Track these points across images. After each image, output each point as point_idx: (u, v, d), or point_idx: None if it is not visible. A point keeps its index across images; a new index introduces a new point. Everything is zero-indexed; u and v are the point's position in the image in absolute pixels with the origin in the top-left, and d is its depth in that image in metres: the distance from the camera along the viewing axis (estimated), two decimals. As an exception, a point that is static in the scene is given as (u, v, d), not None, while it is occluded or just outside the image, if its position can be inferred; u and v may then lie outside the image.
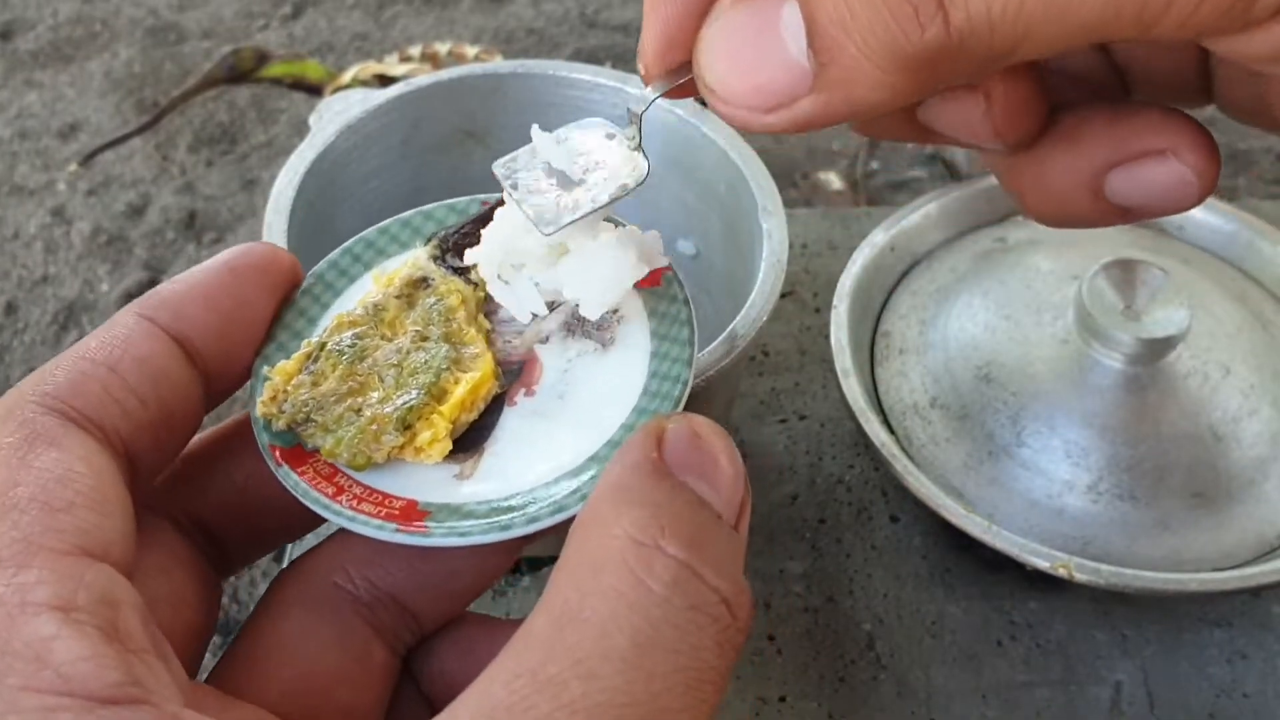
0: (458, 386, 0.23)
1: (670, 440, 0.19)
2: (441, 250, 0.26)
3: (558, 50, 0.78)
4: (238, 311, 0.22)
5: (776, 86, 0.17)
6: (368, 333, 0.24)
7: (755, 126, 0.18)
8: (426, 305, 0.24)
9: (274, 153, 0.71)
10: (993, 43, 0.15)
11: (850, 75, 0.16)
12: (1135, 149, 0.18)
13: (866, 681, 0.39)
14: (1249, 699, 0.39)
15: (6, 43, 0.80)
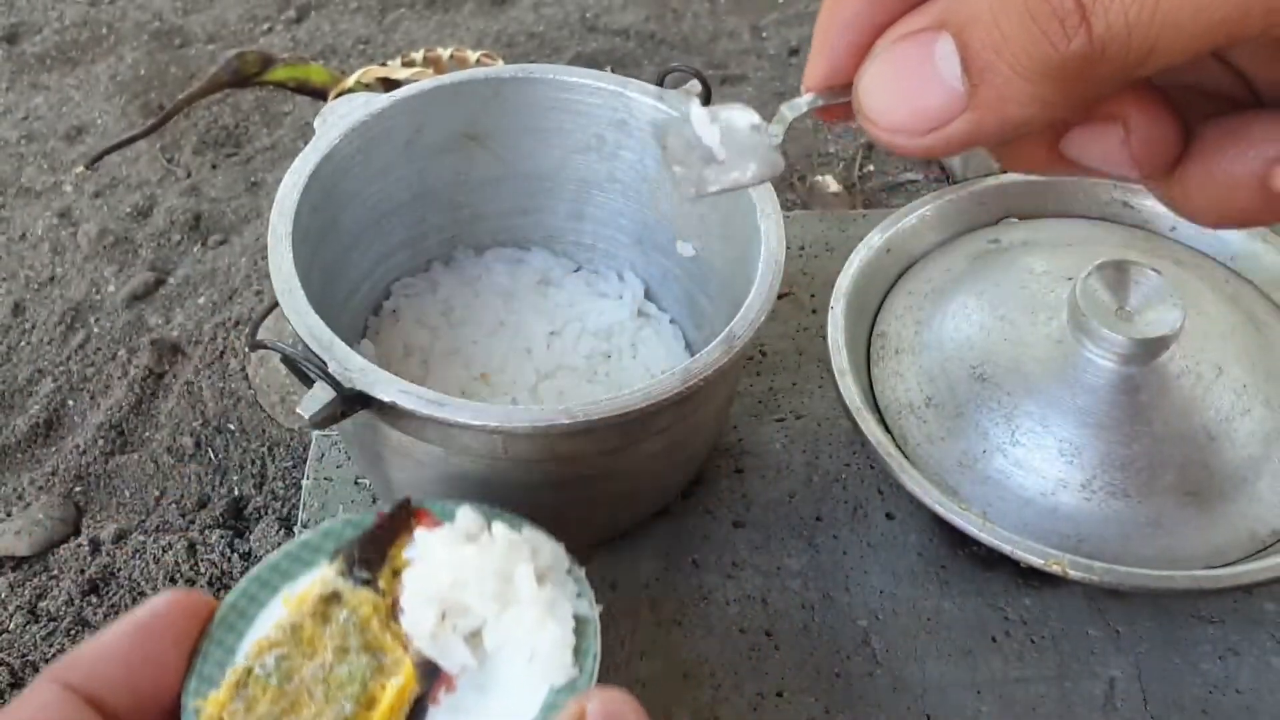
0: (384, 692, 0.26)
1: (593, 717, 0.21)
2: (348, 564, 0.28)
3: (559, 54, 0.79)
4: (147, 667, 0.25)
5: (932, 110, 0.19)
6: (290, 653, 0.26)
7: (911, 149, 0.19)
8: (341, 619, 0.27)
9: (278, 155, 0.72)
10: (1130, 47, 0.17)
11: (1002, 92, 0.18)
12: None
13: (862, 676, 0.40)
14: (1241, 695, 0.39)
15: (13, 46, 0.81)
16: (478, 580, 0.27)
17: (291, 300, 0.35)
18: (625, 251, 0.49)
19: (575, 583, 0.29)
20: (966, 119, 0.18)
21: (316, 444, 0.47)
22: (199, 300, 0.63)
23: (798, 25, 0.80)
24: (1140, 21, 0.16)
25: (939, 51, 0.18)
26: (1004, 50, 0.17)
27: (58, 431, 0.56)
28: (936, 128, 0.19)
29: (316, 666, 0.26)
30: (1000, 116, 0.18)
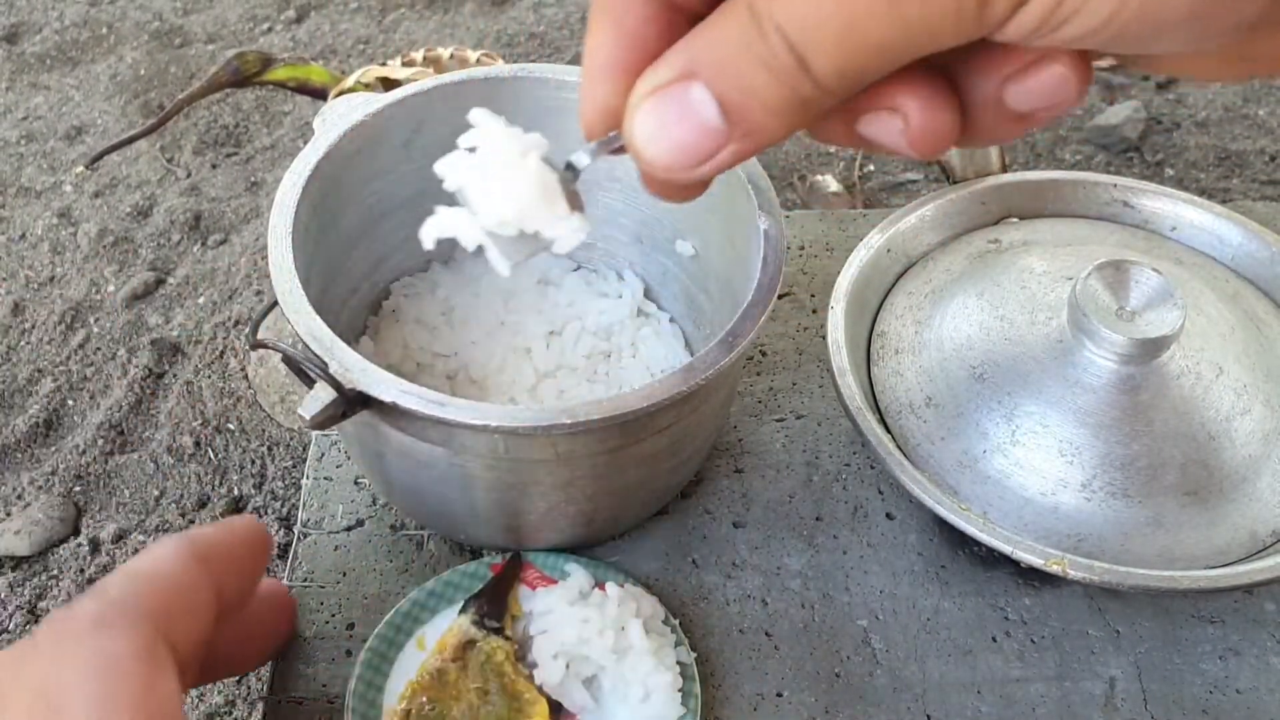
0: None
1: None
2: (480, 615, 0.33)
3: (559, 54, 0.79)
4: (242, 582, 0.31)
5: (700, 147, 0.22)
6: (437, 695, 0.31)
7: (684, 181, 0.23)
8: (480, 664, 0.31)
9: (278, 155, 0.72)
10: (843, 81, 0.20)
11: (757, 124, 0.21)
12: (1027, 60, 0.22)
13: (863, 677, 0.40)
14: (1242, 695, 0.39)
15: (13, 46, 0.81)
16: (599, 635, 0.32)
17: (292, 300, 0.35)
18: (625, 250, 0.49)
19: (673, 631, 0.34)
20: (730, 150, 0.22)
21: (316, 444, 0.47)
22: (199, 300, 0.62)
23: (798, 25, 0.80)
24: (845, 63, 0.20)
25: (694, 98, 0.21)
26: (751, 95, 0.21)
27: (57, 431, 0.56)
28: (705, 160, 0.22)
29: (465, 708, 0.30)
30: (759, 141, 0.22)
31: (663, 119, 0.22)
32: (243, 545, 0.30)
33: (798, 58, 0.20)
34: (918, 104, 0.22)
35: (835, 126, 0.23)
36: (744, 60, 0.21)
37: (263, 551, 0.31)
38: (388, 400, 0.32)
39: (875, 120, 0.22)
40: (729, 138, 0.21)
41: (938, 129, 0.22)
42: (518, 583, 0.34)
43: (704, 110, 0.21)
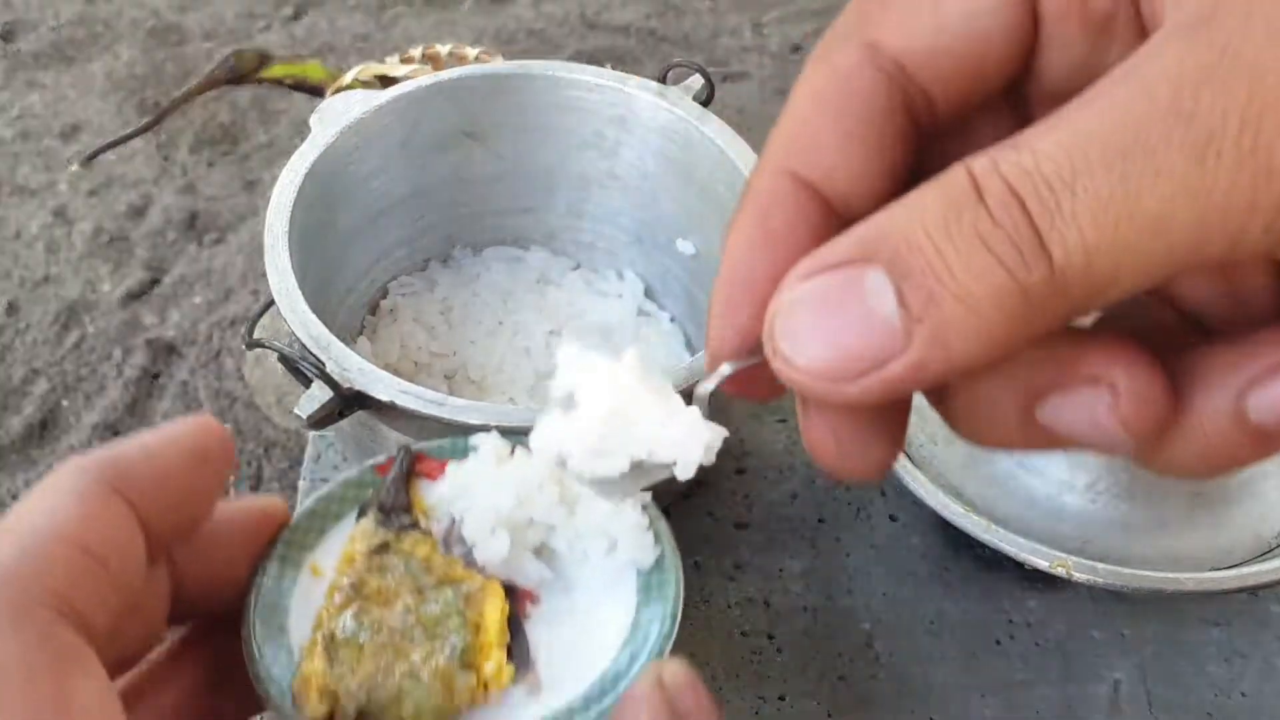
0: (486, 616, 0.25)
1: (673, 692, 0.20)
2: (385, 514, 0.27)
3: (558, 51, 0.78)
4: (189, 500, 0.22)
5: (866, 351, 0.16)
6: (364, 609, 0.25)
7: (841, 398, 0.17)
8: (402, 565, 0.26)
9: (275, 153, 0.71)
10: (1092, 275, 0.15)
11: (948, 328, 0.16)
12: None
13: (865, 680, 0.39)
14: (1247, 698, 0.39)
15: (8, 44, 0.81)
16: (539, 490, 0.26)
17: (288, 299, 0.35)
18: (625, 249, 0.48)
19: None
20: (907, 359, 0.16)
21: (313, 445, 0.46)
22: (195, 299, 0.62)
23: (799, 22, 0.80)
24: (1101, 247, 0.15)
25: (869, 284, 0.16)
26: (949, 280, 0.15)
27: (52, 432, 0.56)
28: (871, 370, 0.16)
29: (401, 613, 0.25)
30: (946, 355, 0.16)
31: (819, 305, 0.17)
32: (180, 458, 0.22)
33: (1030, 226, 0.15)
34: (1128, 370, 0.17)
35: (1003, 415, 0.18)
36: (947, 232, 0.16)
37: (215, 461, 0.23)
38: (385, 400, 0.32)
39: (1067, 401, 0.17)
40: (906, 341, 0.16)
41: (1156, 399, 0.17)
42: (415, 478, 0.28)
43: (876, 299, 0.16)
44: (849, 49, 0.19)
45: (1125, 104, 0.15)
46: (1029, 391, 0.18)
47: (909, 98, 0.19)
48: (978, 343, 0.16)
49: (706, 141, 0.41)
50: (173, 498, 0.21)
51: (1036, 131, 0.15)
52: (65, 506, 0.19)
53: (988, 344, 0.16)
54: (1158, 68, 0.15)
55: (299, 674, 0.24)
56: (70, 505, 0.19)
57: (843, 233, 0.17)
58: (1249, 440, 0.17)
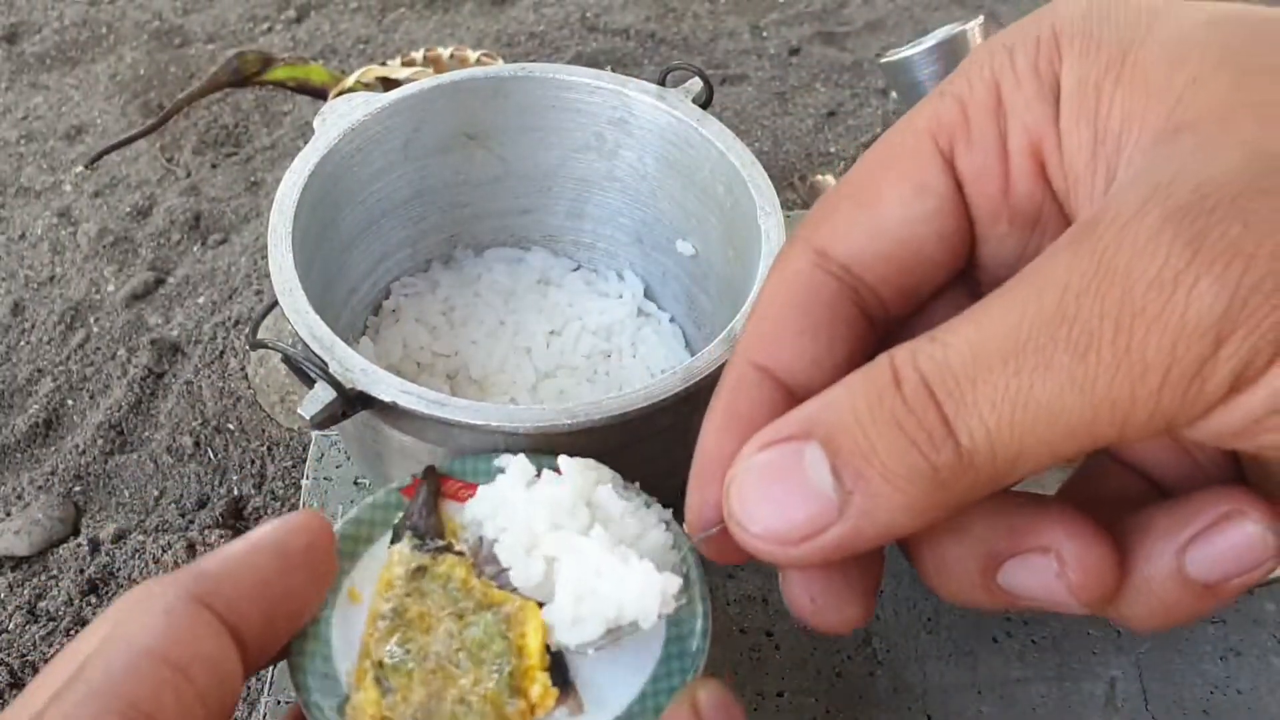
0: (526, 640, 0.25)
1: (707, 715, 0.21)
2: (419, 538, 0.27)
3: (559, 54, 0.79)
4: (286, 602, 0.22)
5: (805, 518, 0.18)
6: (408, 634, 0.25)
7: (785, 560, 0.19)
8: (440, 589, 0.26)
9: (278, 155, 0.72)
10: (996, 456, 0.17)
11: (876, 501, 0.18)
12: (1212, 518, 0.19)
13: (863, 677, 0.40)
14: (1242, 695, 0.39)
15: (13, 46, 0.81)
16: (570, 515, 0.26)
17: (291, 300, 0.35)
18: (625, 250, 0.49)
19: (635, 492, 0.29)
20: (841, 527, 0.18)
21: (316, 444, 0.47)
22: (199, 300, 0.62)
23: (798, 25, 0.80)
24: (1002, 436, 0.16)
25: (808, 459, 0.18)
26: (873, 459, 0.17)
27: (57, 431, 0.56)
28: (810, 536, 0.18)
29: (444, 638, 0.25)
30: (875, 523, 0.18)
31: (766, 475, 0.19)
32: (269, 561, 0.22)
33: (938, 413, 0.17)
34: (1075, 542, 0.18)
35: (967, 577, 0.20)
36: (871, 416, 0.17)
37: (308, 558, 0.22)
38: (387, 400, 0.32)
39: (1021, 567, 0.19)
40: (839, 512, 0.18)
41: (1104, 570, 0.18)
42: (441, 499, 0.28)
43: (814, 472, 0.18)
44: (800, 254, 0.22)
45: (1021, 305, 0.17)
46: (988, 556, 0.19)
47: (858, 295, 0.21)
48: (903, 513, 0.18)
49: (706, 143, 0.42)
50: (264, 603, 0.21)
51: (951, 325, 0.17)
52: (153, 624, 0.19)
53: (912, 514, 0.18)
54: (1047, 274, 0.17)
55: (351, 703, 0.24)
56: (157, 622, 0.19)
57: (794, 410, 0.19)
58: (1192, 596, 0.19)
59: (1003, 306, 0.17)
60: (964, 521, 0.20)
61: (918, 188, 0.20)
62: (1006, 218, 0.20)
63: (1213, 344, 0.15)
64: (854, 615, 0.21)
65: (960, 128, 0.20)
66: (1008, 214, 0.20)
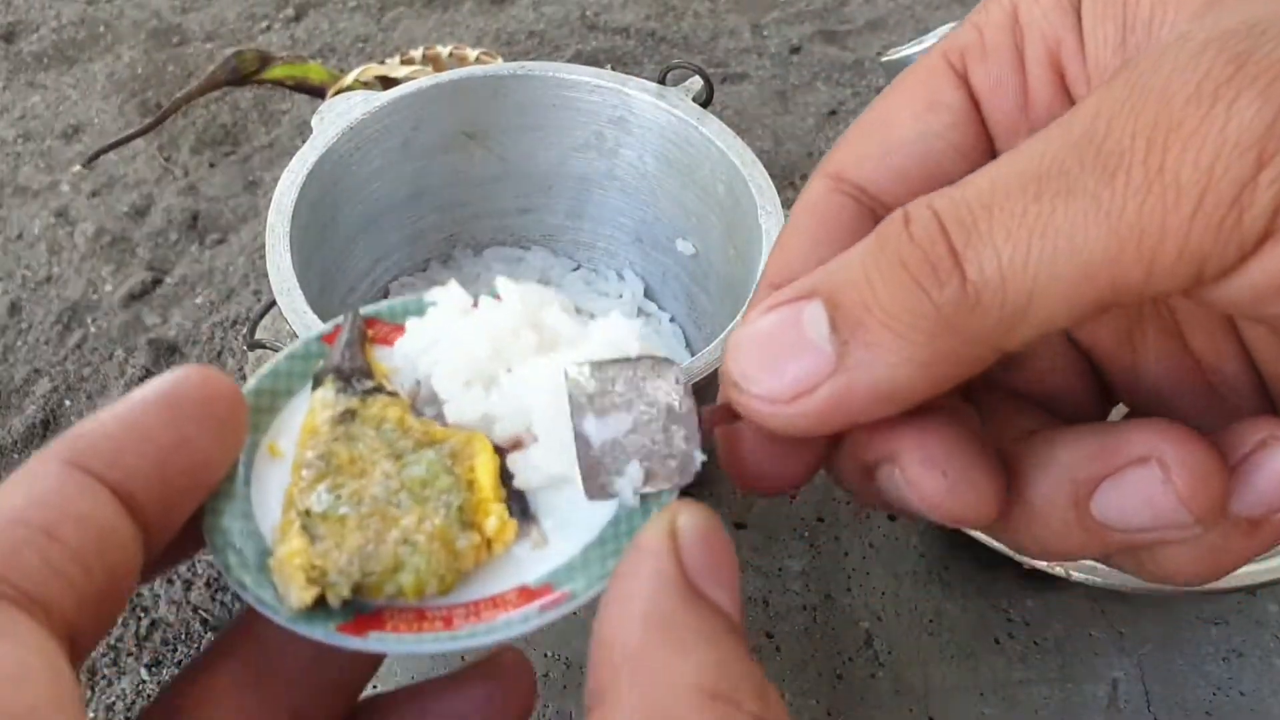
0: (476, 473, 0.23)
1: (686, 547, 0.18)
2: (345, 380, 0.24)
3: (558, 53, 0.78)
4: (178, 454, 0.19)
5: (797, 372, 0.17)
6: (338, 481, 0.22)
7: (778, 422, 0.18)
8: (373, 432, 0.23)
9: (276, 154, 0.72)
10: (1005, 296, 0.16)
11: (872, 351, 0.17)
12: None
13: (864, 679, 0.39)
14: (1245, 696, 0.39)
15: (10, 45, 0.81)
16: (513, 336, 0.23)
17: (290, 299, 0.35)
18: (625, 250, 0.49)
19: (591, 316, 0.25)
20: (834, 382, 0.17)
21: (315, 444, 0.46)
22: (196, 300, 0.62)
23: (799, 23, 0.80)
24: (1015, 267, 0.15)
25: (807, 316, 0.17)
26: (873, 305, 0.16)
27: (55, 432, 0.56)
28: (803, 393, 0.17)
29: (380, 480, 0.22)
30: (870, 377, 0.17)
31: (763, 332, 0.18)
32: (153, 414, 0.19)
33: (947, 245, 0.15)
34: (1176, 445, 0.17)
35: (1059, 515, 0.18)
36: (874, 260, 0.16)
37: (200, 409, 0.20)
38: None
39: (1119, 487, 0.17)
40: (833, 365, 0.17)
41: (1211, 471, 0.17)
42: (369, 344, 0.25)
43: (812, 327, 0.17)
44: (816, 182, 0.21)
45: (1046, 138, 0.16)
46: (1080, 484, 0.18)
47: (876, 216, 0.20)
48: (902, 366, 0.16)
49: (706, 142, 0.42)
50: (152, 458, 0.19)
51: (975, 173, 0.16)
52: (13, 493, 0.18)
53: (910, 366, 0.16)
54: (1077, 109, 0.16)
55: (275, 558, 0.21)
56: (17, 490, 0.18)
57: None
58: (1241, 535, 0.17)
59: (1029, 143, 0.16)
60: (1048, 453, 0.18)
61: (930, 104, 0.20)
62: (1026, 131, 0.19)
63: (1254, 165, 0.14)
64: (796, 474, 0.20)
65: (975, 45, 0.20)
66: (1027, 127, 0.20)
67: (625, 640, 0.17)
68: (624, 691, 0.17)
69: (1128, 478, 0.17)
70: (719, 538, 0.18)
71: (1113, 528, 0.18)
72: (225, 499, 0.22)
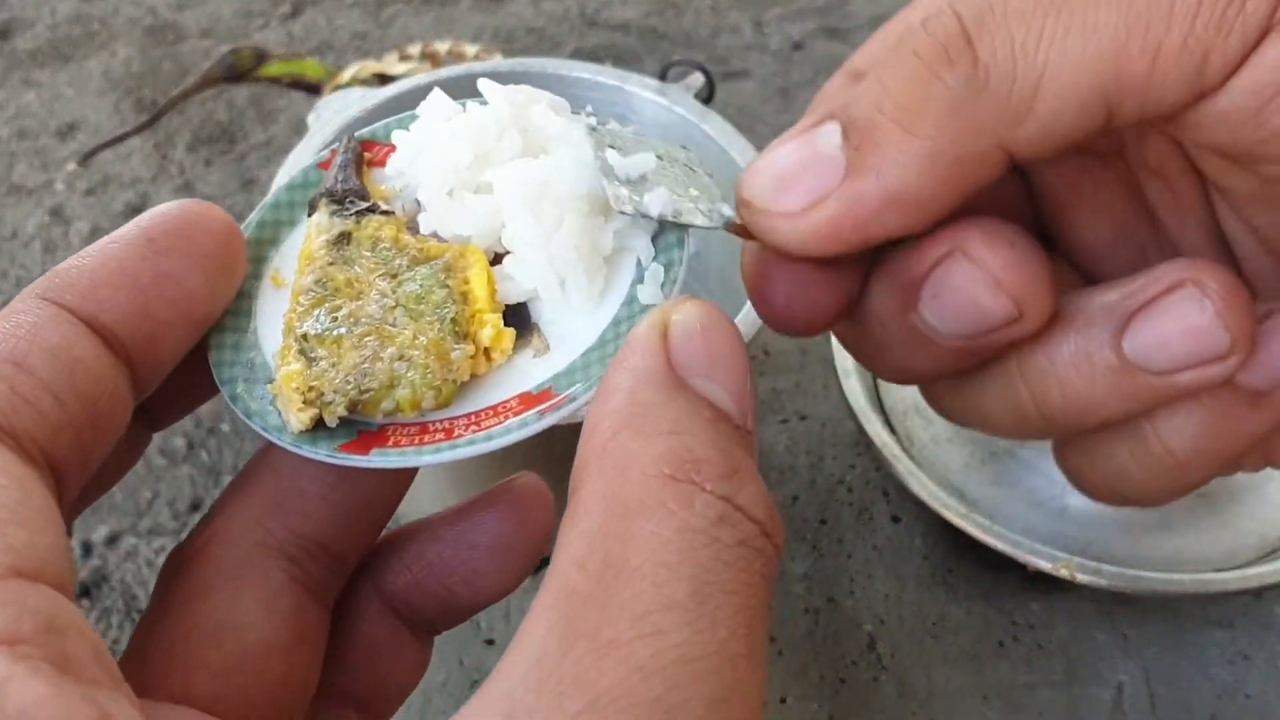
0: (470, 285, 0.22)
1: (676, 339, 0.17)
2: (338, 203, 0.24)
3: (558, 49, 0.78)
4: (159, 287, 0.19)
5: (808, 184, 0.17)
6: (335, 304, 0.22)
7: (792, 238, 0.18)
8: (369, 253, 0.23)
9: (273, 152, 0.71)
10: (1016, 78, 0.16)
11: (881, 151, 0.17)
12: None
13: (867, 682, 0.39)
14: (1251, 700, 0.39)
15: (5, 42, 0.80)
16: (499, 141, 0.22)
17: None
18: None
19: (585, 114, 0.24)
20: (844, 189, 0.17)
21: (312, 446, 0.46)
22: (193, 299, 0.62)
23: (800, 20, 0.80)
24: (1026, 49, 0.16)
25: (822, 132, 0.17)
26: (885, 102, 0.17)
27: (49, 432, 0.56)
28: (813, 205, 0.17)
29: (376, 300, 0.22)
30: (880, 182, 0.17)
31: (778, 159, 0.18)
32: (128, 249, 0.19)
33: (961, 31, 0.16)
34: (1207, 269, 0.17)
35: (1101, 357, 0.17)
36: (888, 60, 0.17)
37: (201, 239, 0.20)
38: (384, 403, 0.32)
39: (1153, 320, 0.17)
40: (845, 172, 0.17)
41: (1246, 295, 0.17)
42: (366, 167, 0.25)
43: (824, 142, 0.17)
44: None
45: None
46: (1116, 319, 0.17)
47: None
48: (910, 163, 0.16)
49: (707, 139, 0.41)
50: (130, 291, 0.18)
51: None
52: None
53: (919, 163, 0.16)
54: None
55: (274, 383, 0.21)
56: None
57: None
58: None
59: None
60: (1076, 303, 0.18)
61: None
62: None
63: None
64: (825, 311, 0.19)
65: None
66: None
67: (600, 432, 0.17)
68: (591, 481, 0.16)
69: (1164, 304, 0.17)
70: (718, 332, 0.17)
71: (1145, 367, 0.17)
72: (230, 332, 0.22)
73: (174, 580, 0.20)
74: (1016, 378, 0.19)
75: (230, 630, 0.19)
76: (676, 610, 0.15)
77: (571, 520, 0.16)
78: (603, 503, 0.16)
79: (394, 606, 0.22)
